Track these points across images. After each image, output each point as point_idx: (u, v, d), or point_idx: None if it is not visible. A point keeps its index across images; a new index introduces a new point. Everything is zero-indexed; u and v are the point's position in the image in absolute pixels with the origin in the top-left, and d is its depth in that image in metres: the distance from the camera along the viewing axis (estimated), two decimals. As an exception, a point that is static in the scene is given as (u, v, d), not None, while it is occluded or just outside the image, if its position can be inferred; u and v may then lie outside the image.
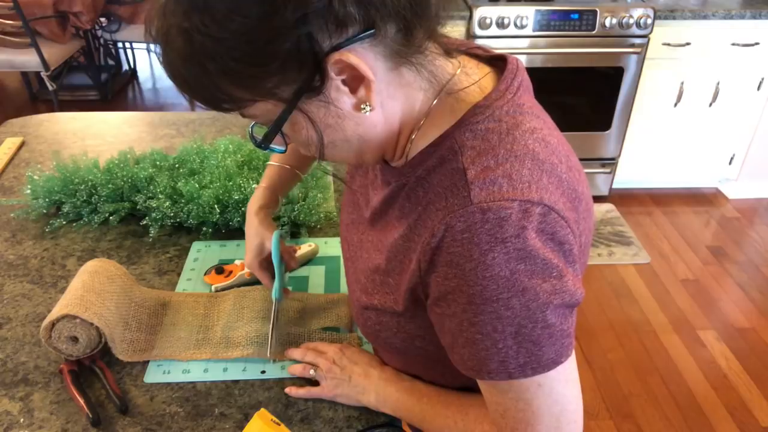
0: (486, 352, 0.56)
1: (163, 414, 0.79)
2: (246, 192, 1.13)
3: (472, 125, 0.57)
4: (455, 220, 0.53)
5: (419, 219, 0.59)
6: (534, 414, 0.58)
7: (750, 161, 3.00)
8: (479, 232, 0.52)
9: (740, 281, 2.55)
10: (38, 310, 0.96)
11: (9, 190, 1.27)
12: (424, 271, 0.57)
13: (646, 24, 2.53)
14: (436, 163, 0.58)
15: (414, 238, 0.59)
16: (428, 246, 0.55)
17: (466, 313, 0.55)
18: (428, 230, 0.56)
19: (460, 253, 0.53)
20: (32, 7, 3.26)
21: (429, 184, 0.59)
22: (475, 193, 0.53)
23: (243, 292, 0.96)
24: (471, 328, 0.55)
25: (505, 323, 0.54)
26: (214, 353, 0.86)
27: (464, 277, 0.53)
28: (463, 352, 0.58)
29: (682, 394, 2.04)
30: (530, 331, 0.54)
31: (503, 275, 0.52)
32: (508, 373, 0.56)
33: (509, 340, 0.54)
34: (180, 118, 1.58)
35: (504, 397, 0.59)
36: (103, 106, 4.00)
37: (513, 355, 0.55)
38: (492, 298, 0.53)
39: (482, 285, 0.52)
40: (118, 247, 1.10)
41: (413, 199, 0.61)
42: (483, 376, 0.57)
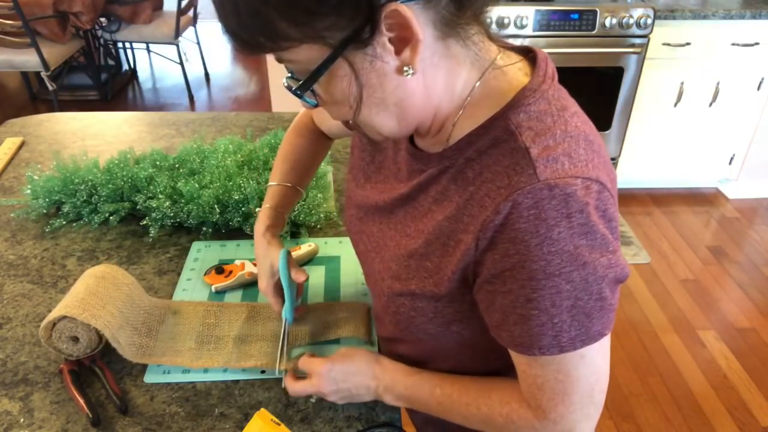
0: (540, 327, 0.57)
1: (163, 414, 0.79)
2: (246, 192, 1.12)
3: (524, 107, 0.58)
4: (522, 197, 0.54)
5: (471, 199, 0.59)
6: (572, 384, 0.61)
7: (750, 161, 3.00)
8: (546, 208, 0.53)
9: (740, 281, 2.55)
10: (38, 310, 0.96)
11: (9, 190, 1.27)
12: (482, 250, 0.58)
13: (646, 24, 2.53)
14: (489, 144, 0.59)
15: (464, 219, 0.60)
16: (490, 224, 0.56)
17: (524, 289, 0.56)
18: (487, 209, 0.56)
19: (526, 229, 0.54)
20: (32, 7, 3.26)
21: (481, 165, 0.59)
22: (541, 170, 0.54)
23: (257, 309, 0.95)
24: (527, 304, 0.57)
25: (563, 297, 0.55)
26: (226, 362, 0.86)
27: (528, 253, 0.54)
28: (514, 329, 0.59)
29: (682, 394, 2.04)
30: (585, 304, 0.56)
31: (567, 250, 0.54)
32: (560, 347, 0.58)
33: (564, 314, 0.56)
34: (180, 118, 1.58)
35: (545, 369, 0.61)
36: (103, 106, 4.00)
37: (566, 329, 0.57)
38: (555, 273, 0.54)
39: (546, 260, 0.54)
40: (118, 247, 1.10)
41: (460, 181, 0.61)
42: (533, 352, 0.59)
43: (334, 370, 0.77)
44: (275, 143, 1.30)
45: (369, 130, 0.63)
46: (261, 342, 0.89)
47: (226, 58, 4.96)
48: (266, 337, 0.90)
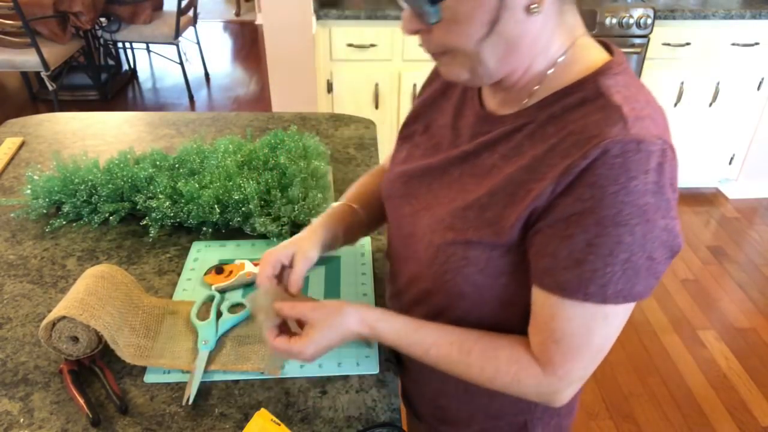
0: (592, 273, 0.60)
1: (163, 414, 0.79)
2: (246, 192, 1.12)
3: (612, 75, 0.64)
4: (612, 145, 0.57)
5: (552, 150, 0.63)
6: (588, 342, 0.65)
7: (750, 161, 3.00)
8: (631, 159, 0.57)
9: (740, 281, 2.55)
10: (38, 310, 0.96)
11: (9, 190, 1.27)
12: (557, 194, 0.61)
13: (646, 24, 2.53)
14: (578, 102, 0.63)
15: (541, 169, 0.63)
16: (575, 167, 0.59)
17: (587, 234, 0.59)
18: (573, 155, 0.60)
19: (608, 175, 0.58)
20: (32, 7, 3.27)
21: (566, 120, 0.63)
22: (631, 125, 0.58)
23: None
24: (586, 249, 0.60)
25: (621, 248, 0.59)
26: (224, 365, 0.86)
27: (603, 198, 0.58)
28: (564, 273, 0.62)
29: (682, 394, 2.04)
30: (637, 260, 0.60)
31: (639, 203, 0.58)
32: (603, 297, 0.61)
33: (618, 266, 0.60)
34: (180, 118, 1.58)
35: (571, 321, 0.64)
36: (103, 106, 4.00)
37: (615, 281, 0.60)
38: (621, 223, 0.58)
39: (618, 208, 0.58)
40: (118, 247, 1.10)
41: (538, 136, 0.65)
42: (577, 297, 0.62)
43: (317, 346, 0.74)
44: (275, 143, 1.30)
45: (460, 66, 0.66)
46: (259, 344, 0.89)
47: (226, 58, 4.96)
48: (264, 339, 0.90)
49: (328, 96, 2.71)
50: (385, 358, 0.88)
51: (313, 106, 2.60)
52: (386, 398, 0.82)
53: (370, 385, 0.84)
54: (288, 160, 1.23)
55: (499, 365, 0.70)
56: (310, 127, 1.54)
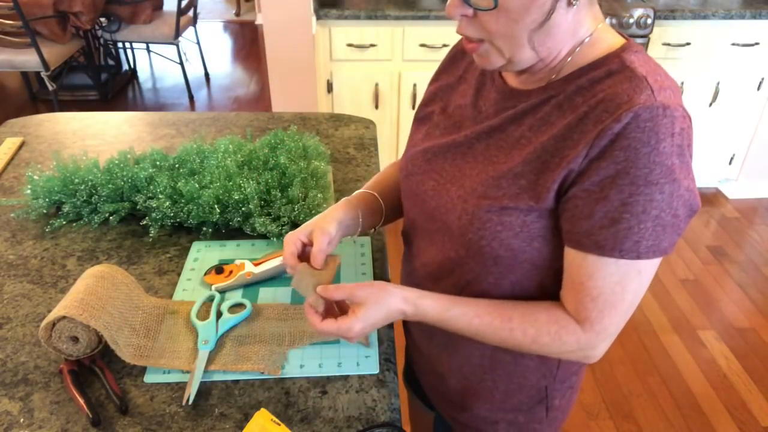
0: (627, 230, 0.66)
1: (163, 414, 0.79)
2: (246, 192, 1.12)
3: (634, 52, 0.70)
4: (642, 110, 0.63)
5: (585, 118, 0.67)
6: (623, 297, 0.70)
7: (750, 161, 3.00)
8: (659, 123, 0.63)
9: (740, 281, 2.55)
10: (38, 310, 0.96)
11: (9, 190, 1.27)
12: (591, 158, 0.66)
13: (646, 24, 2.53)
14: (604, 75, 0.69)
15: (573, 136, 0.68)
16: (608, 131, 0.64)
17: (622, 194, 0.65)
18: (605, 121, 0.65)
19: (640, 138, 0.63)
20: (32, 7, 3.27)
21: (595, 91, 0.68)
22: (657, 93, 0.64)
23: (256, 309, 0.95)
24: (621, 208, 0.65)
25: (653, 206, 0.64)
26: (224, 365, 0.86)
27: (636, 159, 0.63)
28: (600, 232, 0.67)
29: (682, 394, 2.04)
30: (665, 217, 0.65)
31: (667, 163, 0.63)
32: (637, 253, 0.66)
33: (649, 222, 0.65)
34: (180, 118, 1.58)
35: (607, 279, 0.69)
36: (103, 106, 4.00)
37: (647, 237, 0.66)
38: (653, 181, 0.64)
39: (650, 168, 0.63)
40: (118, 247, 1.10)
41: (567, 106, 0.70)
42: (613, 254, 0.67)
43: (365, 324, 0.75)
44: (275, 143, 1.30)
45: (498, 54, 0.70)
46: (259, 344, 0.89)
47: (226, 58, 4.96)
48: (264, 339, 0.90)
49: (328, 96, 2.71)
50: (385, 358, 0.88)
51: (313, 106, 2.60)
52: (386, 398, 0.82)
53: (370, 385, 0.84)
54: (288, 160, 1.23)
55: (540, 326, 0.74)
56: (310, 127, 1.54)
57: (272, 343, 0.89)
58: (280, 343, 0.89)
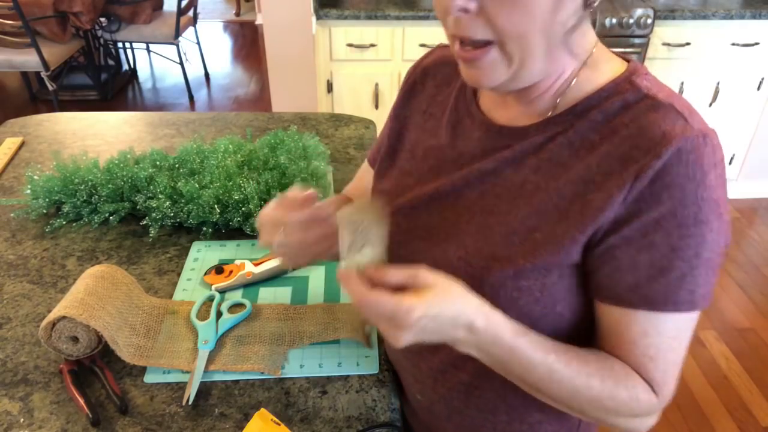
0: (680, 279, 0.57)
1: (163, 414, 0.79)
2: (246, 192, 1.12)
3: (644, 75, 0.61)
4: (684, 142, 0.55)
5: (608, 157, 0.58)
6: (681, 351, 0.61)
7: (750, 161, 3.00)
8: (702, 153, 0.55)
9: (740, 281, 2.55)
10: (38, 310, 0.96)
11: (9, 190, 1.27)
12: (631, 200, 0.56)
13: (646, 24, 2.53)
14: (620, 107, 0.60)
15: (596, 179, 0.58)
16: (648, 170, 0.55)
17: (671, 238, 0.56)
18: (639, 160, 0.56)
19: (685, 173, 0.55)
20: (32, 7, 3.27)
21: (613, 126, 0.59)
22: (691, 120, 0.57)
23: (256, 309, 0.95)
24: (671, 254, 0.56)
25: (706, 247, 0.56)
26: (224, 365, 0.86)
27: (683, 198, 0.55)
28: (650, 286, 0.58)
29: (682, 394, 2.04)
30: (716, 258, 0.58)
31: (715, 197, 0.56)
32: (693, 303, 0.58)
33: (702, 267, 0.57)
34: (180, 118, 1.58)
35: (661, 336, 0.60)
36: (103, 106, 4.00)
37: (701, 283, 0.57)
38: (703, 220, 0.55)
39: (699, 206, 0.55)
40: (118, 247, 1.10)
41: (580, 145, 0.61)
42: (667, 307, 0.58)
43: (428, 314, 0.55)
44: (275, 143, 1.30)
45: (503, 63, 0.58)
46: (259, 345, 0.89)
47: (226, 58, 4.96)
48: (264, 339, 0.90)
49: (328, 96, 2.72)
50: (385, 358, 0.88)
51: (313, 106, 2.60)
52: (386, 398, 0.82)
53: (370, 385, 0.84)
54: (288, 160, 1.23)
55: (618, 378, 0.61)
56: (310, 127, 1.54)
57: (272, 343, 0.89)
58: (280, 343, 0.89)
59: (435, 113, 0.75)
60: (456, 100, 0.73)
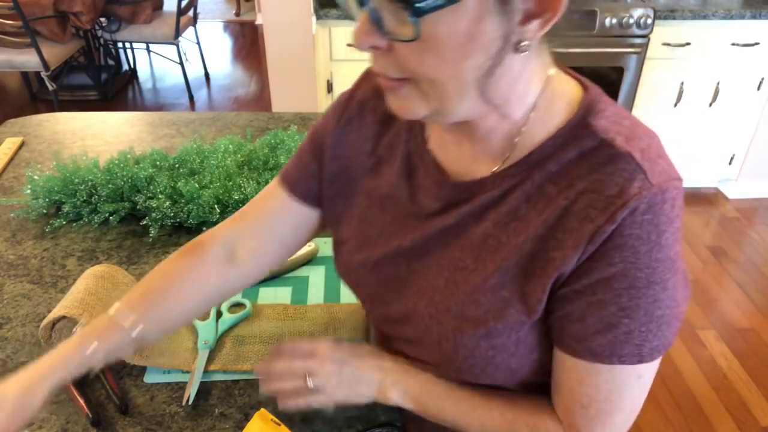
0: (627, 336, 0.55)
1: (163, 414, 0.79)
2: (246, 192, 1.12)
3: (601, 112, 0.56)
4: (638, 202, 0.51)
5: (567, 213, 0.55)
6: (620, 404, 0.60)
7: (750, 161, 3.00)
8: (659, 212, 0.52)
9: (740, 281, 2.55)
10: (38, 310, 0.96)
11: (9, 190, 1.27)
12: (584, 260, 0.54)
13: (646, 24, 2.53)
14: (577, 155, 0.56)
15: (557, 236, 0.56)
16: (602, 233, 0.52)
17: (621, 298, 0.54)
18: (594, 220, 0.53)
19: (638, 235, 0.52)
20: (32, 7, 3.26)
21: (570, 178, 0.56)
22: (650, 174, 0.52)
23: (256, 309, 0.95)
24: (619, 313, 0.55)
25: (658, 305, 0.54)
26: (224, 365, 0.86)
27: (636, 260, 0.53)
28: (595, 338, 0.57)
29: (682, 394, 2.04)
30: (670, 313, 0.55)
31: (669, 256, 0.53)
32: (640, 357, 0.56)
33: (653, 323, 0.55)
34: (180, 118, 1.58)
35: (600, 387, 0.59)
36: (103, 106, 4.00)
37: (650, 339, 0.56)
38: (656, 281, 0.53)
39: (652, 267, 0.53)
40: (118, 247, 1.10)
41: (537, 198, 0.57)
42: (611, 361, 0.57)
43: (340, 350, 0.68)
44: (275, 143, 1.30)
45: (422, 99, 0.54)
46: (259, 344, 0.89)
47: (226, 58, 4.96)
48: (264, 339, 0.90)
49: (328, 96, 2.71)
50: (385, 358, 0.88)
51: (313, 106, 2.60)
52: (386, 398, 0.82)
53: (370, 385, 0.84)
54: (288, 160, 1.23)
55: (519, 413, 0.65)
56: (310, 127, 1.54)
57: (272, 343, 0.89)
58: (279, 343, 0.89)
59: (384, 156, 0.70)
60: (407, 144, 0.68)
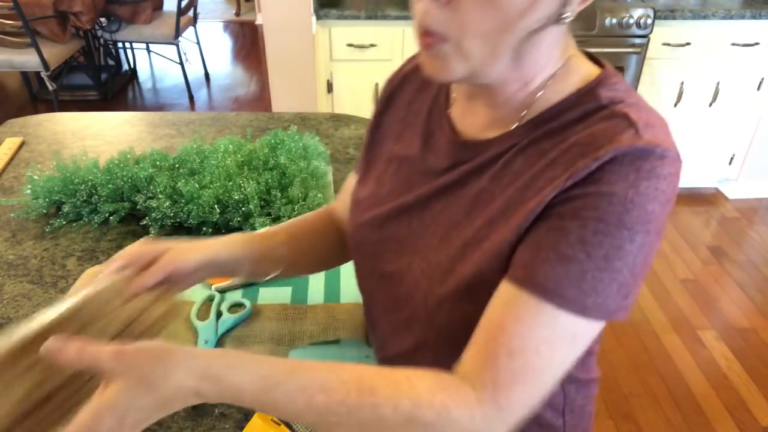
0: (577, 276, 0.53)
1: (163, 414, 0.79)
2: (246, 192, 1.13)
3: (611, 85, 0.60)
4: (625, 149, 0.53)
5: (553, 163, 0.57)
6: (545, 366, 0.54)
7: (750, 161, 3.00)
8: (643, 162, 0.53)
9: (740, 281, 2.55)
10: (38, 310, 0.96)
11: (9, 190, 1.27)
12: (563, 189, 0.55)
13: (646, 24, 2.53)
14: (579, 117, 0.59)
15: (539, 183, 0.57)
16: (583, 169, 0.54)
17: (585, 230, 0.53)
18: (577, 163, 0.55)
19: (618, 171, 0.53)
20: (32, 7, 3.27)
21: (566, 135, 0.58)
22: (642, 131, 0.54)
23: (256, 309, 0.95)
24: (578, 246, 0.53)
25: (618, 255, 0.53)
26: None
27: (611, 195, 0.53)
28: (544, 266, 0.54)
29: (682, 394, 2.04)
30: (627, 273, 0.54)
31: (646, 208, 0.53)
32: (583, 307, 0.53)
33: (607, 273, 0.53)
34: (180, 118, 1.58)
35: (534, 331, 0.54)
36: (103, 106, 4.00)
37: (599, 290, 0.53)
38: (626, 225, 0.53)
39: (626, 208, 0.52)
40: (118, 247, 1.10)
41: (531, 152, 0.60)
42: (551, 299, 0.53)
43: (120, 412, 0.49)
44: (275, 143, 1.30)
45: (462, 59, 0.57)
46: (259, 344, 0.89)
47: (226, 58, 4.96)
48: (264, 339, 0.90)
49: (328, 96, 2.72)
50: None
51: (313, 106, 2.60)
52: (386, 398, 0.82)
53: (370, 385, 0.84)
54: (288, 160, 1.23)
55: (419, 397, 0.53)
56: (310, 127, 1.54)
57: (272, 343, 0.89)
58: (280, 343, 0.89)
59: (410, 122, 0.75)
60: (430, 110, 0.73)
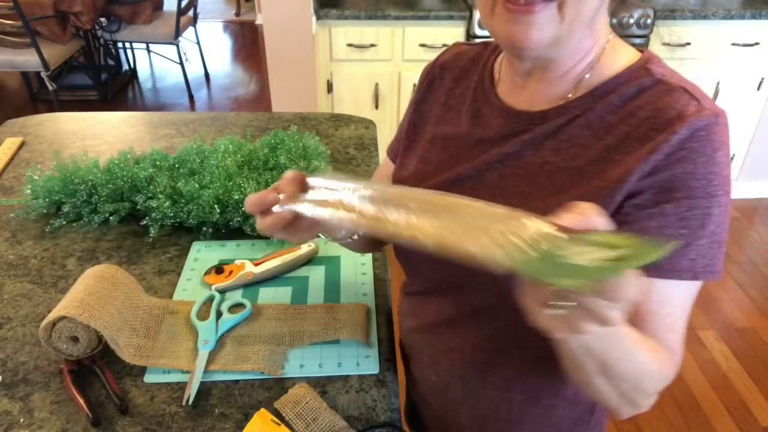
0: (684, 248, 0.60)
1: (163, 414, 0.79)
2: (246, 192, 1.12)
3: (658, 63, 0.66)
4: (698, 120, 0.59)
5: (627, 138, 0.62)
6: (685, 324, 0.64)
7: (750, 161, 3.00)
8: (713, 131, 0.59)
9: (740, 281, 2.55)
10: (38, 310, 0.96)
11: (9, 190, 1.27)
12: (648, 172, 0.60)
13: (646, 24, 2.53)
14: (636, 91, 0.64)
15: (616, 157, 0.62)
16: (665, 145, 0.59)
17: (681, 207, 0.59)
18: (654, 139, 0.60)
19: (696, 148, 0.59)
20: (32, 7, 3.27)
21: (629, 109, 0.63)
22: (703, 102, 0.61)
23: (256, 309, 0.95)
24: (678, 223, 0.59)
25: (711, 220, 0.60)
26: (224, 365, 0.86)
27: (694, 171, 0.59)
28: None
29: (682, 394, 2.04)
30: (720, 232, 0.61)
31: (723, 173, 0.60)
32: (694, 273, 0.61)
33: (705, 239, 0.60)
34: (180, 118, 1.58)
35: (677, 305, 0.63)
36: (103, 106, 4.00)
37: (703, 254, 0.60)
38: (711, 193, 0.59)
39: (708, 179, 0.59)
40: (118, 247, 1.10)
41: (598, 126, 0.64)
42: (669, 274, 0.60)
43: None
44: (275, 143, 1.30)
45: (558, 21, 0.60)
46: (259, 344, 0.89)
47: (226, 58, 4.96)
48: (264, 339, 0.90)
49: (328, 96, 2.72)
50: (385, 357, 0.88)
51: (313, 106, 2.60)
52: (386, 398, 0.82)
53: (370, 385, 0.84)
54: (288, 160, 1.23)
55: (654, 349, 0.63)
56: (310, 127, 1.54)
57: (272, 343, 0.89)
58: (280, 343, 0.89)
59: (454, 105, 0.78)
60: (475, 91, 0.76)
